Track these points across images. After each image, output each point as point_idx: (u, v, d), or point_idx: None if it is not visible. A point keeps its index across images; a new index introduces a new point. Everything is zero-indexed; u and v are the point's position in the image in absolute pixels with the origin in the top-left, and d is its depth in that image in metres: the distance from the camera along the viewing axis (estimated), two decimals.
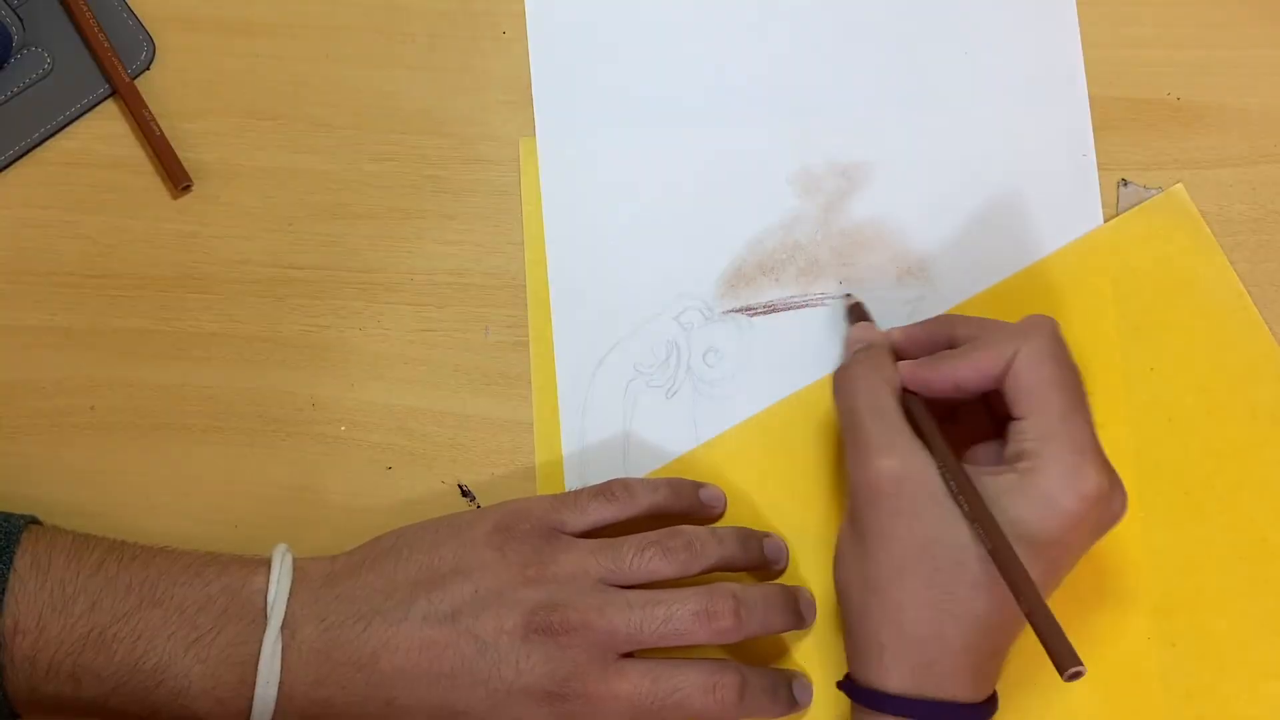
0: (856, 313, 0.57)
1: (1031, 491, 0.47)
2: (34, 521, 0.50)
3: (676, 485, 0.54)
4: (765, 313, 0.59)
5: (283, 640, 0.47)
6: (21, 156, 0.58)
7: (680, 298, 0.59)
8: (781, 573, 0.55)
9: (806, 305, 0.59)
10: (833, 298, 0.59)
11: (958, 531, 0.47)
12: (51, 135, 0.59)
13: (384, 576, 0.49)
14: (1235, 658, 0.55)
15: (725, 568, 0.52)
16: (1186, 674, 0.55)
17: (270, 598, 0.48)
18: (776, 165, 0.60)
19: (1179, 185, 0.59)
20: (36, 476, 0.56)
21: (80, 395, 0.57)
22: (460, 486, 0.57)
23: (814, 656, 0.55)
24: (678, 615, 0.49)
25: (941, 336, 0.53)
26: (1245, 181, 0.60)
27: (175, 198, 0.59)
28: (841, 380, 0.52)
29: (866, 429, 0.49)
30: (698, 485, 0.55)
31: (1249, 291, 0.59)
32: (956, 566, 0.47)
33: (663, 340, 0.58)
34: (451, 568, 0.49)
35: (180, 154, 0.58)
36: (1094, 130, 0.60)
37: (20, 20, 0.59)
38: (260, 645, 0.47)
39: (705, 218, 0.59)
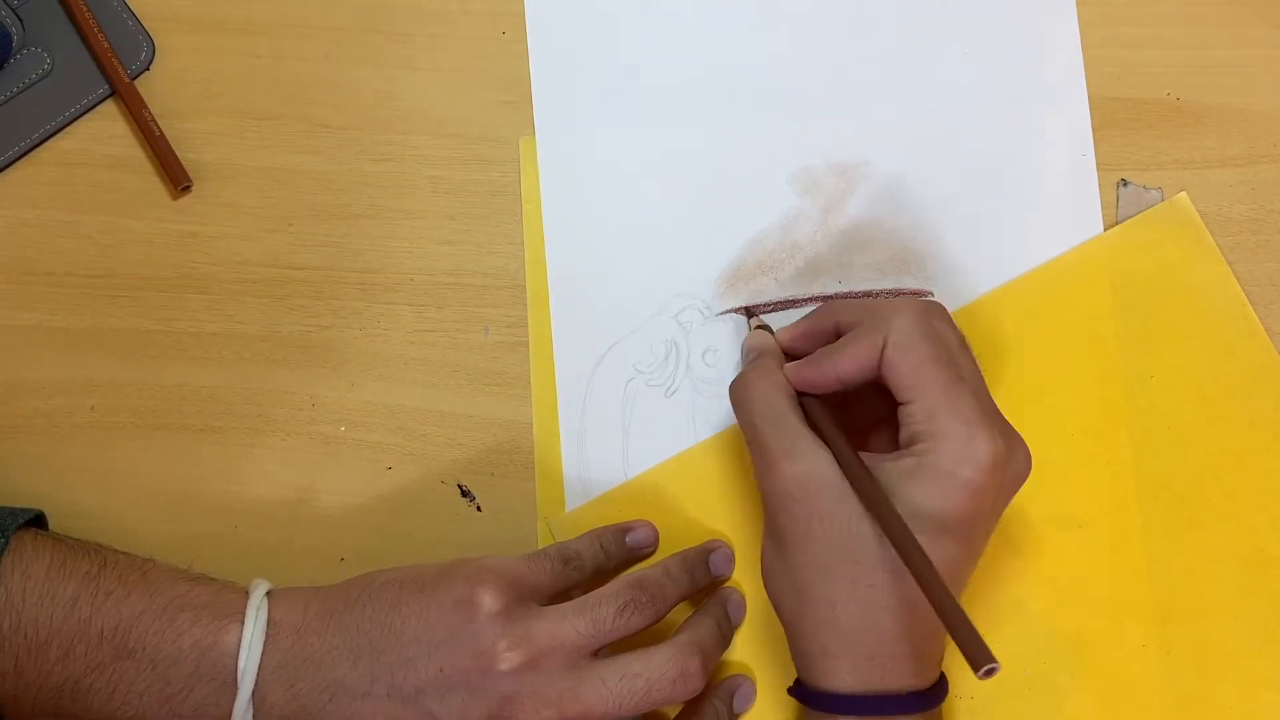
0: (753, 321, 0.57)
1: (930, 472, 0.47)
2: (25, 522, 0.49)
3: (607, 544, 0.54)
4: (764, 312, 0.59)
5: (253, 706, 0.47)
6: (21, 156, 0.59)
7: (679, 297, 0.59)
8: (728, 579, 0.56)
9: (806, 305, 0.59)
10: (831, 298, 0.59)
11: (869, 523, 0.47)
12: (51, 135, 0.59)
13: (348, 637, 0.48)
14: (1231, 667, 0.55)
15: (681, 602, 0.53)
16: (1182, 682, 0.55)
17: (241, 665, 0.47)
18: (776, 165, 0.60)
19: (1183, 194, 0.59)
20: (36, 476, 0.56)
21: (80, 395, 0.57)
22: (460, 486, 0.57)
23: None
24: (656, 685, 0.48)
25: (827, 327, 0.53)
26: (1245, 182, 0.60)
27: (175, 198, 0.59)
28: (736, 392, 0.52)
29: (766, 437, 0.49)
30: (625, 530, 0.55)
31: (1247, 292, 0.59)
32: (876, 557, 0.47)
33: (662, 339, 0.58)
34: (415, 635, 0.47)
35: (180, 154, 0.58)
36: (1094, 130, 0.60)
37: (20, 20, 0.59)
38: (231, 709, 0.47)
39: (705, 217, 0.59)
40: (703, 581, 0.54)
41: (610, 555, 0.54)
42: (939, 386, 0.48)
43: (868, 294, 0.59)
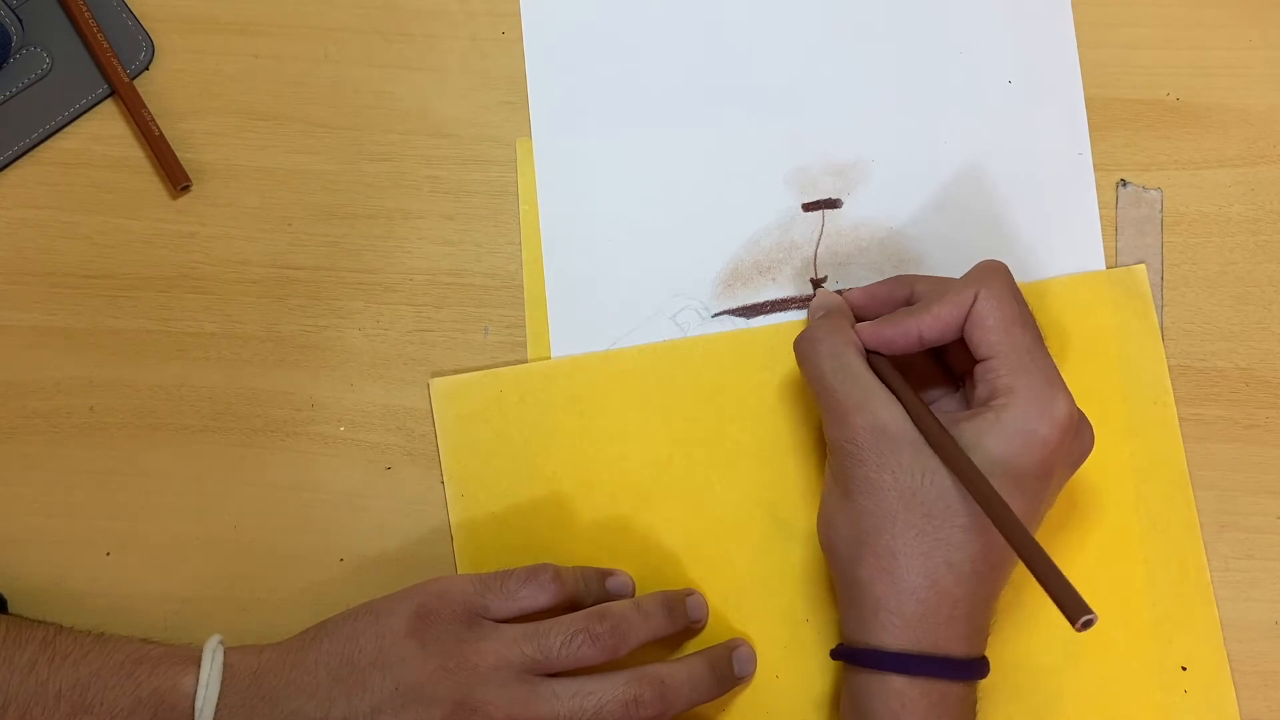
0: (818, 286, 0.58)
1: (1009, 426, 0.47)
2: None
3: (589, 577, 0.54)
4: (762, 313, 0.59)
5: None
6: (21, 156, 0.59)
7: (677, 297, 0.59)
8: (703, 629, 0.55)
9: (803, 305, 0.59)
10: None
11: (943, 476, 0.47)
12: (51, 135, 0.59)
13: (306, 672, 0.48)
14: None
15: (654, 640, 0.52)
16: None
17: (199, 705, 0.47)
18: (773, 165, 0.60)
19: (1141, 265, 0.59)
20: (36, 476, 0.56)
21: (80, 395, 0.57)
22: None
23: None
24: (607, 706, 0.48)
25: (901, 293, 0.54)
26: (1243, 182, 0.60)
27: (174, 198, 0.59)
28: (804, 345, 0.52)
29: (836, 389, 0.50)
30: (605, 574, 0.54)
31: (1247, 292, 0.59)
32: (946, 511, 0.47)
33: (659, 340, 0.58)
34: (371, 661, 0.48)
35: (179, 154, 0.58)
36: (1093, 131, 0.60)
37: (20, 20, 0.59)
38: None
39: (702, 217, 0.59)
40: (680, 622, 0.53)
41: (589, 591, 0.53)
42: (1024, 345, 0.49)
43: None
